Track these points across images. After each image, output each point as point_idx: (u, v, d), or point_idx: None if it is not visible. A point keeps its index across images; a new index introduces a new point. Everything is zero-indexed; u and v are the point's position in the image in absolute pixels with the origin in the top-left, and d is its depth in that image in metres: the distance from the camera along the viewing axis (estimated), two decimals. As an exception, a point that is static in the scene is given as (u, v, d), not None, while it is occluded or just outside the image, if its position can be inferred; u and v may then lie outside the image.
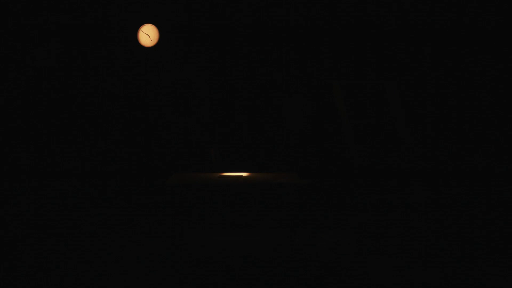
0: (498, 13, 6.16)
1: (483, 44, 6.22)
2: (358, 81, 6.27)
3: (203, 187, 5.29)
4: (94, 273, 4.10)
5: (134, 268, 4.21)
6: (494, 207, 5.90)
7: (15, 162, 6.11)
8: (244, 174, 5.56)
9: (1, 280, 3.93)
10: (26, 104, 6.15)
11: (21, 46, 6.14)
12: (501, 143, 6.16)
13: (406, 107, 6.26)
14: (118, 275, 4.04)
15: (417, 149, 6.20)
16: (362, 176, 6.16)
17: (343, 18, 6.22)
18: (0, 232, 5.25)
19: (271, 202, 5.51)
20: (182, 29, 6.25)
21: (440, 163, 6.19)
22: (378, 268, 4.13)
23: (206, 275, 4.04)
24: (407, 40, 6.24)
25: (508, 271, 4.02)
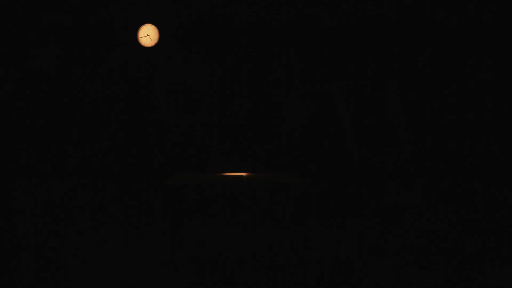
0: (498, 13, 6.17)
1: (483, 44, 6.22)
2: (358, 81, 6.27)
3: (203, 186, 5.30)
4: (94, 273, 4.09)
5: (134, 268, 4.20)
6: (495, 207, 5.90)
7: (16, 162, 6.10)
8: (244, 174, 5.57)
9: (1, 279, 3.92)
10: (27, 104, 6.15)
11: (21, 46, 6.14)
12: (502, 143, 6.16)
13: (406, 107, 6.26)
14: (117, 275, 4.04)
15: (417, 149, 6.20)
16: (362, 176, 6.16)
17: (344, 17, 6.22)
18: (0, 232, 5.25)
19: (272, 202, 5.50)
20: (182, 28, 6.25)
21: (441, 163, 6.19)
22: (379, 269, 4.13)
23: (206, 275, 4.04)
24: (407, 40, 6.24)
25: (508, 271, 4.02)
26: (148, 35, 6.12)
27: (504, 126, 6.19)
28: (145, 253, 4.54)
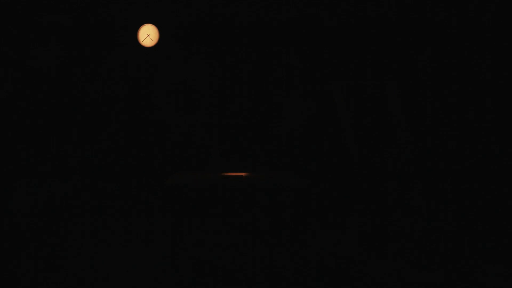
0: (498, 13, 6.17)
1: (483, 44, 6.22)
2: (358, 81, 6.28)
3: (203, 186, 5.29)
4: (94, 273, 4.10)
5: (134, 267, 4.20)
6: (495, 207, 5.90)
7: (16, 162, 6.10)
8: (244, 174, 5.56)
9: (1, 279, 3.93)
10: (27, 104, 6.15)
11: (21, 46, 6.14)
12: (502, 143, 6.16)
13: (406, 107, 6.26)
14: (118, 275, 4.04)
15: (417, 149, 6.20)
16: (362, 176, 6.16)
17: (344, 17, 6.22)
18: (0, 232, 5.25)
19: (272, 201, 5.50)
20: (182, 28, 6.25)
21: (440, 163, 6.19)
22: (378, 269, 4.13)
23: (206, 275, 4.04)
24: (407, 40, 6.24)
25: (508, 271, 4.02)
26: (148, 35, 6.12)
27: (504, 126, 6.20)
28: (145, 253, 4.54)
